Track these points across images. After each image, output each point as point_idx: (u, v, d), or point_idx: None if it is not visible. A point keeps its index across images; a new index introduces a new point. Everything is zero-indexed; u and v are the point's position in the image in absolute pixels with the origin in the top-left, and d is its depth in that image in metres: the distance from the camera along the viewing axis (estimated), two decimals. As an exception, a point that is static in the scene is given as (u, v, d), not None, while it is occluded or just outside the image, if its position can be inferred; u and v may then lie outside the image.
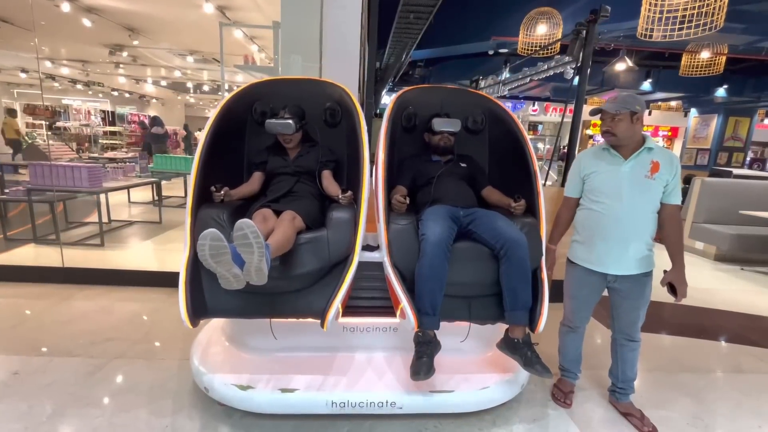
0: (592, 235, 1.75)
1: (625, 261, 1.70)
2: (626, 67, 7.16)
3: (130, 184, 4.53)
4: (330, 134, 2.14)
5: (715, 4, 3.70)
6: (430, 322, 1.65)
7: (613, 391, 1.94)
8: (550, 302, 1.71)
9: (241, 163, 2.11)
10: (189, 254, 1.64)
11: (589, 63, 3.31)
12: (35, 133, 10.02)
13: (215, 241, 1.32)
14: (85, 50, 7.40)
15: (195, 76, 10.17)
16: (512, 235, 1.67)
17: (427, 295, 1.63)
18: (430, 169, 2.06)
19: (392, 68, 9.24)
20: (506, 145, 2.10)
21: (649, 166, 1.65)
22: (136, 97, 13.00)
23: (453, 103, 2.22)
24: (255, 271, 1.39)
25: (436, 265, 1.62)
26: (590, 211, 1.76)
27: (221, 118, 1.89)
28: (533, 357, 1.67)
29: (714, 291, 3.73)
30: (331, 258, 1.68)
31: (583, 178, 1.78)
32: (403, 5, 5.45)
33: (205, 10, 4.51)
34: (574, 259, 1.84)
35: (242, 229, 1.34)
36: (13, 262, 3.31)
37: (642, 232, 1.69)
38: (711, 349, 2.68)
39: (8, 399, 1.79)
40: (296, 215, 1.70)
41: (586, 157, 1.79)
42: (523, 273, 1.66)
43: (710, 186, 4.81)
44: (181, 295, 1.54)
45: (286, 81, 2.21)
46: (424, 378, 1.59)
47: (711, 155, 11.07)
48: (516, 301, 1.67)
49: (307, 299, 1.68)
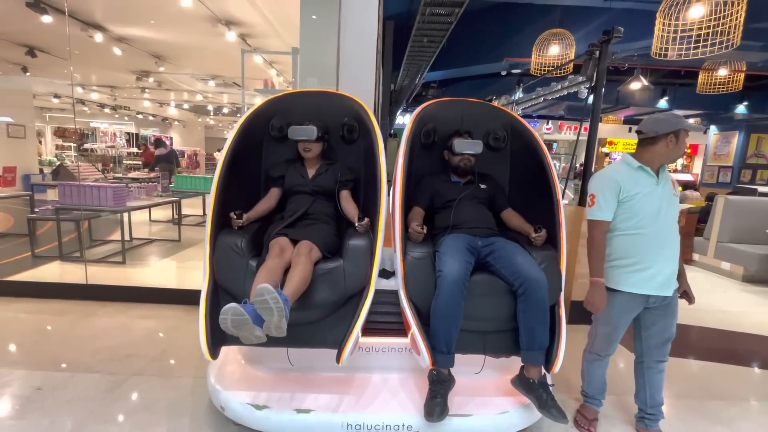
0: (645, 260, 1.67)
1: (672, 280, 1.71)
2: (641, 85, 7.12)
3: (152, 203, 4.68)
4: (347, 151, 2.12)
5: (731, 23, 3.69)
6: (444, 361, 1.64)
7: (642, 418, 1.86)
8: (573, 323, 1.67)
9: (258, 179, 2.10)
10: (208, 284, 1.66)
11: (603, 82, 3.32)
12: (64, 154, 10.50)
13: (236, 315, 1.39)
14: (114, 76, 7.80)
15: (216, 99, 10.57)
16: (532, 274, 1.61)
17: (443, 334, 1.61)
18: (449, 190, 2.01)
19: (406, 90, 9.42)
20: (527, 164, 2.03)
21: (670, 183, 1.71)
22: (159, 120, 13.54)
23: (474, 118, 2.16)
24: (275, 328, 1.43)
25: (452, 305, 1.59)
26: (635, 236, 1.67)
27: (239, 138, 1.89)
28: (548, 400, 1.62)
29: (743, 314, 3.56)
30: (347, 290, 1.68)
31: (622, 200, 1.67)
32: (416, 29, 5.61)
33: (227, 38, 4.73)
34: (617, 286, 1.71)
35: (263, 295, 1.39)
36: (39, 279, 3.43)
37: (678, 249, 1.72)
38: (743, 376, 2.55)
39: (31, 414, 1.83)
40: (313, 246, 1.69)
41: (624, 179, 1.67)
42: (542, 314, 1.62)
43: (735, 204, 4.68)
44: (201, 329, 1.56)
45: (304, 94, 2.18)
46: (437, 420, 1.57)
47: (733, 173, 10.80)
48: (533, 341, 1.63)
49: (323, 331, 1.68)
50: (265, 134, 2.11)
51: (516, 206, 2.06)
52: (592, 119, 3.30)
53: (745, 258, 4.39)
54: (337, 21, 2.80)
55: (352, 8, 2.80)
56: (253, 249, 1.74)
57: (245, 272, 1.66)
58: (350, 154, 2.12)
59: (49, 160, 9.44)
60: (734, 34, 3.71)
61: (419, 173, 2.08)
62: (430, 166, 2.13)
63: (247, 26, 4.68)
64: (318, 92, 2.20)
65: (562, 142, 16.64)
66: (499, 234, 1.92)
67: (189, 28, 4.77)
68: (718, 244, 4.72)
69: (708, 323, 3.19)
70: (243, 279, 1.65)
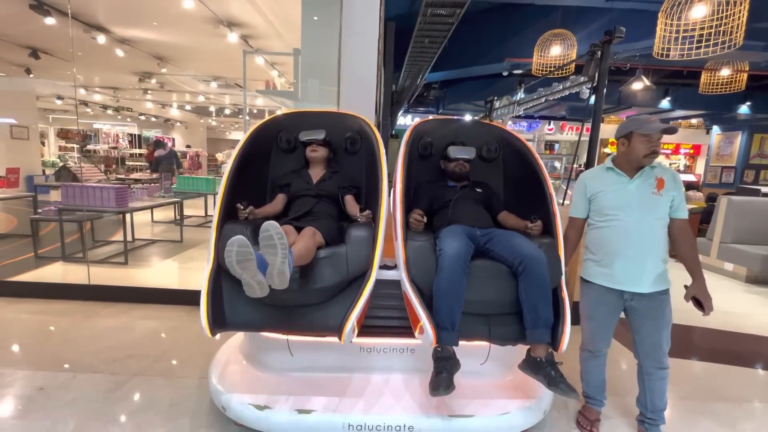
0: (608, 254, 1.74)
1: (642, 278, 1.69)
2: (643, 86, 7.11)
3: (154, 204, 4.69)
4: (350, 162, 2.25)
5: (733, 23, 3.68)
6: (449, 338, 1.62)
7: (642, 422, 1.85)
8: (573, 324, 1.67)
9: (265, 185, 2.20)
10: (212, 267, 1.68)
11: (604, 83, 3.32)
12: (67, 155, 10.54)
13: (242, 247, 1.37)
14: (116, 78, 7.84)
15: (218, 101, 10.60)
16: (530, 251, 1.65)
17: (446, 309, 1.61)
18: (446, 193, 2.08)
19: (408, 90, 9.43)
20: (520, 171, 2.13)
21: (654, 182, 1.70)
22: (162, 121, 13.58)
23: (467, 134, 2.29)
24: (277, 274, 1.41)
25: (454, 279, 1.61)
26: (602, 230, 1.76)
27: (250, 143, 2.01)
28: (557, 376, 1.60)
29: (746, 315, 3.55)
30: (350, 273, 1.70)
31: (589, 199, 1.82)
32: (418, 30, 5.61)
33: (229, 39, 4.74)
34: (590, 278, 1.82)
35: (268, 230, 1.39)
36: (41, 279, 3.44)
37: (656, 247, 1.70)
38: (746, 377, 2.53)
39: (33, 415, 1.83)
40: (316, 231, 1.75)
41: (589, 178, 1.83)
42: (543, 289, 1.63)
43: (738, 205, 4.65)
44: (202, 306, 1.57)
45: (310, 113, 2.34)
46: (444, 393, 1.53)
47: (736, 173, 10.75)
48: (537, 318, 1.63)
49: (325, 314, 1.69)
50: (273, 145, 2.24)
51: (511, 206, 2.12)
52: (593, 120, 3.29)
53: (748, 259, 4.37)
54: (339, 22, 2.81)
55: (353, 9, 2.81)
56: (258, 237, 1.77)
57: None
58: (353, 164, 2.24)
59: (52, 161, 9.49)
60: (737, 34, 3.70)
61: (418, 181, 2.18)
62: (429, 176, 2.24)
63: (248, 27, 4.69)
64: (324, 112, 2.38)
65: (563, 142, 16.60)
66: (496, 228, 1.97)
67: (191, 29, 4.79)
68: (721, 245, 4.69)
69: (711, 324, 3.18)
70: None
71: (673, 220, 1.72)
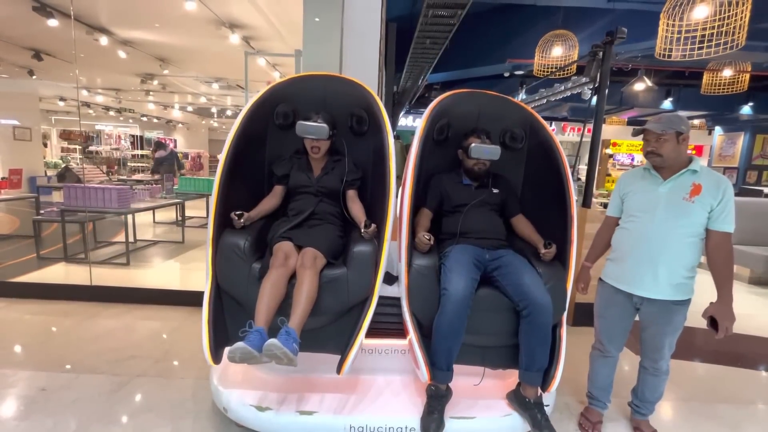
0: (622, 254, 1.72)
1: (653, 284, 1.63)
2: (645, 86, 7.10)
3: (156, 204, 4.70)
4: (355, 143, 2.02)
5: (735, 23, 3.67)
6: (443, 377, 1.64)
7: (630, 405, 1.91)
8: (579, 325, 1.67)
9: (261, 172, 2.02)
10: (211, 286, 1.65)
11: (606, 83, 3.31)
12: (69, 156, 10.58)
13: (245, 354, 1.41)
14: (118, 79, 7.86)
15: (219, 102, 10.62)
16: (537, 298, 1.59)
17: (444, 352, 1.61)
18: (460, 194, 1.93)
19: (409, 91, 9.43)
20: (544, 173, 1.93)
21: (689, 188, 1.58)
22: (164, 122, 13.62)
23: (493, 113, 2.05)
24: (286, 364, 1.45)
25: (455, 323, 1.58)
26: (623, 230, 1.74)
27: (242, 130, 1.81)
28: (542, 420, 1.63)
29: (750, 316, 3.53)
30: (350, 300, 1.67)
31: (621, 198, 1.77)
32: (419, 31, 5.61)
33: (231, 40, 4.75)
34: (603, 276, 1.82)
35: (271, 350, 1.41)
36: (44, 280, 3.45)
37: (676, 256, 1.60)
38: (749, 379, 2.52)
39: (35, 415, 1.83)
40: (318, 254, 1.66)
41: (625, 178, 1.80)
42: (544, 337, 1.62)
43: (740, 205, 4.59)
44: (204, 334, 1.56)
45: (311, 77, 2.05)
46: None
47: (739, 174, 10.71)
48: (532, 362, 1.64)
49: (325, 338, 1.68)
50: (269, 123, 2.01)
51: (528, 209, 2.01)
52: (595, 120, 3.28)
53: (751, 260, 4.35)
54: (340, 23, 2.81)
55: (354, 10, 2.80)
56: (257, 250, 1.74)
57: (248, 276, 1.65)
58: (358, 147, 2.02)
59: (55, 162, 9.52)
60: (739, 35, 3.69)
61: (430, 170, 2.00)
62: (442, 163, 2.04)
63: (250, 29, 4.70)
64: (325, 76, 2.08)
65: (565, 143, 16.56)
66: (507, 246, 1.89)
67: (193, 31, 4.80)
68: (724, 246, 4.67)
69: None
70: (246, 283, 1.64)
71: (710, 232, 1.58)
